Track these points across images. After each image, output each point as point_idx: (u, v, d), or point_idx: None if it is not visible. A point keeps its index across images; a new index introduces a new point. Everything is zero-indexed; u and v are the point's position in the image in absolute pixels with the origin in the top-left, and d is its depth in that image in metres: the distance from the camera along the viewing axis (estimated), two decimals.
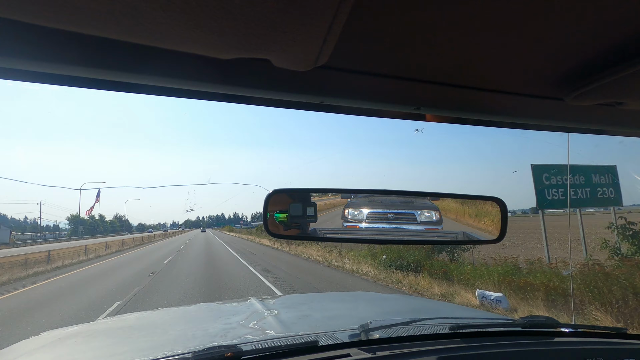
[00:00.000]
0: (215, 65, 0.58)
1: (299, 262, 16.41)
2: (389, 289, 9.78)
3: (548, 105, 0.81)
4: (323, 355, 1.17)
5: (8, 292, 10.62)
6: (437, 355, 1.13)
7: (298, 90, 0.67)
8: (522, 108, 0.84)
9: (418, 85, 0.69)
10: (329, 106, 0.74)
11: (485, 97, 0.76)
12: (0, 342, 5.63)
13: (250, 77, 0.62)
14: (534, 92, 0.76)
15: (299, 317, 1.92)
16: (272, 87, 0.65)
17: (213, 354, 1.06)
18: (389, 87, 0.70)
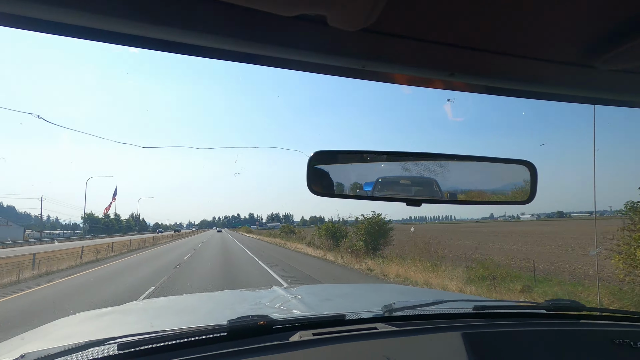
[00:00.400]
0: (271, 26, 0.61)
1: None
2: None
3: (577, 72, 0.81)
4: (350, 327, 1.23)
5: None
6: (461, 331, 1.16)
7: (342, 53, 0.69)
8: (552, 76, 0.84)
9: (453, 50, 0.71)
10: (369, 72, 0.76)
11: (516, 63, 0.77)
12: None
13: (300, 38, 0.65)
14: (564, 58, 0.77)
15: (322, 300, 2.10)
16: (317, 49, 0.67)
17: (247, 322, 1.16)
18: (425, 52, 0.71)
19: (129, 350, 1.01)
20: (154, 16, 0.57)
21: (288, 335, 1.17)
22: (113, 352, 1.02)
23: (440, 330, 1.20)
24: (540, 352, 1.15)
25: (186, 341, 1.08)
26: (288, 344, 1.11)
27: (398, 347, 1.09)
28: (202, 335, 1.11)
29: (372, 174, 1.04)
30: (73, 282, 12.38)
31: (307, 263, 17.40)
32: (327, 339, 1.13)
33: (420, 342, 1.14)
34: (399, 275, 12.31)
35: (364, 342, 1.13)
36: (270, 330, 1.18)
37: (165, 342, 1.06)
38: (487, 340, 1.15)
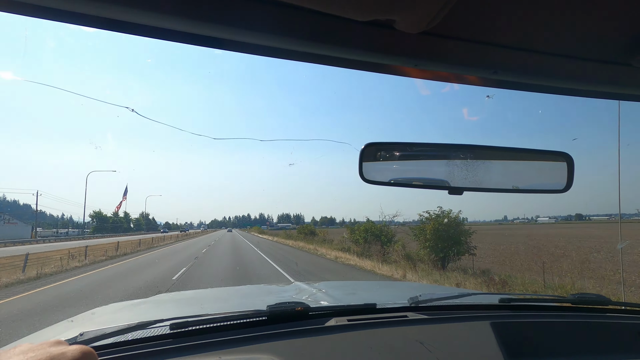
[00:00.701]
0: (342, 29, 0.66)
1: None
2: None
3: (612, 69, 0.84)
4: (381, 315, 1.29)
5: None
6: (490, 321, 1.20)
7: (399, 53, 0.72)
8: (588, 74, 0.87)
9: (498, 50, 0.75)
10: (420, 71, 0.81)
11: (555, 61, 0.80)
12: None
13: (365, 40, 0.69)
14: (601, 56, 0.80)
15: (347, 294, 2.19)
16: (377, 50, 0.71)
17: (286, 307, 1.23)
18: (473, 52, 0.75)
19: (180, 330, 1.09)
20: (235, 19, 0.61)
21: (324, 320, 1.24)
22: (165, 331, 1.11)
23: (469, 320, 1.26)
24: (566, 342, 1.19)
25: (231, 323, 1.17)
26: (325, 328, 1.19)
27: (429, 333, 1.15)
28: (245, 318, 1.20)
29: (417, 163, 1.13)
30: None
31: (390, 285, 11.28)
32: (360, 325, 1.21)
33: (450, 329, 1.20)
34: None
35: (396, 328, 1.20)
36: (306, 316, 1.26)
37: (212, 324, 1.14)
38: (515, 329, 1.21)
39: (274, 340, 1.08)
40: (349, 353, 1.04)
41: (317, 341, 1.09)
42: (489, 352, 1.08)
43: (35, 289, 10.66)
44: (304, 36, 0.65)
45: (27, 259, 14.16)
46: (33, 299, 9.11)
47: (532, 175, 1.16)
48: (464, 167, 1.05)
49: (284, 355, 1.01)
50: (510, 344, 1.11)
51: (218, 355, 1.00)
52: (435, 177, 1.08)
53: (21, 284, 11.81)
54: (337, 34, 0.66)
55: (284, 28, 0.64)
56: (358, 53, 0.72)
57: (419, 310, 1.34)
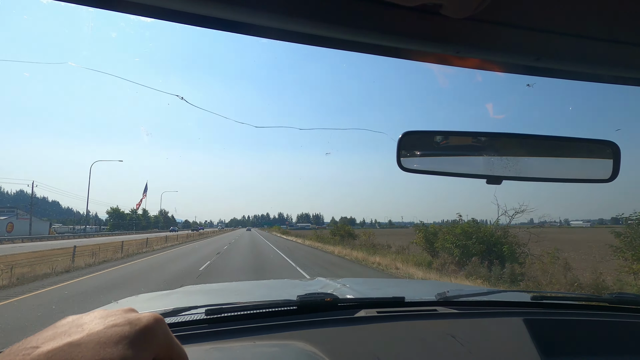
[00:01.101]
0: (386, 15, 0.64)
1: None
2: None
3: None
4: (410, 308, 1.29)
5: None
6: (522, 318, 1.18)
7: (441, 40, 0.70)
8: (636, 60, 0.83)
9: (541, 35, 0.72)
10: (460, 58, 0.77)
11: (602, 48, 0.76)
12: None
13: (409, 27, 0.67)
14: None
15: (371, 289, 2.15)
16: (420, 37, 0.69)
17: (315, 298, 1.26)
18: (516, 38, 0.72)
19: (215, 315, 1.14)
20: (277, 6, 0.60)
21: (353, 312, 1.25)
22: (201, 317, 1.14)
23: (501, 316, 1.25)
24: (603, 343, 1.17)
25: (263, 311, 1.20)
26: (354, 319, 1.20)
27: (460, 328, 1.14)
28: (276, 307, 1.22)
29: (455, 151, 1.10)
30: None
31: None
32: (390, 317, 1.21)
33: (482, 324, 1.18)
34: None
35: (426, 321, 1.20)
36: (335, 307, 1.28)
37: (245, 311, 1.18)
38: (549, 327, 1.18)
39: (304, 328, 1.11)
40: (379, 343, 1.04)
41: (347, 331, 1.11)
42: (523, 349, 1.06)
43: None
44: (346, 23, 0.64)
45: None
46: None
47: (575, 164, 1.10)
48: (503, 156, 1.03)
49: (316, 343, 1.02)
50: (545, 342, 1.10)
51: (253, 340, 1.04)
52: (474, 165, 1.05)
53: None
54: (380, 21, 0.64)
55: (327, 15, 0.62)
56: (398, 40, 0.69)
57: (448, 305, 1.34)
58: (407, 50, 0.73)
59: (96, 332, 0.34)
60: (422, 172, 1.07)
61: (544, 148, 1.09)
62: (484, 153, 1.05)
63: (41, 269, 12.57)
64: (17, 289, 9.57)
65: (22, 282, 10.59)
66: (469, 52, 0.74)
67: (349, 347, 1.02)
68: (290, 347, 1.01)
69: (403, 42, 0.70)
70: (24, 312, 6.90)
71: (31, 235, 46.13)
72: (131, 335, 0.34)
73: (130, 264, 16.01)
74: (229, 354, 0.96)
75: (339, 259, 19.41)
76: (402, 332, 1.10)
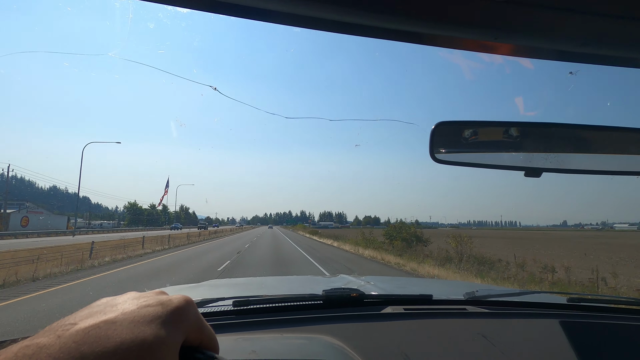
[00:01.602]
0: (422, 1, 0.61)
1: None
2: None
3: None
4: (438, 307, 1.28)
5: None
6: (559, 320, 1.15)
7: (477, 25, 0.66)
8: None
9: (591, 19, 0.66)
10: (497, 45, 0.72)
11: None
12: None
13: (441, 11, 0.63)
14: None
15: (397, 287, 2.09)
16: (454, 22, 0.65)
17: (341, 293, 1.27)
18: (559, 21, 0.66)
19: (242, 307, 1.15)
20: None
21: (379, 308, 1.24)
22: (228, 308, 1.16)
23: (535, 317, 1.21)
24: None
25: (289, 304, 1.21)
26: (381, 315, 1.18)
27: (491, 328, 1.11)
28: (302, 300, 1.23)
29: (491, 142, 1.04)
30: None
31: None
32: (417, 314, 1.19)
33: (514, 325, 1.15)
34: None
35: (455, 320, 1.17)
36: (361, 302, 1.27)
37: (272, 304, 1.19)
38: (588, 331, 1.13)
39: (330, 322, 1.11)
40: (407, 341, 1.03)
41: (373, 327, 1.09)
42: (559, 352, 1.02)
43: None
44: (378, 9, 0.61)
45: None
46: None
47: (622, 155, 1.01)
48: (543, 147, 0.99)
49: (342, 337, 1.02)
50: (582, 346, 1.04)
51: (280, 332, 1.05)
52: (511, 157, 1.00)
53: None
54: (414, 5, 0.60)
55: (358, 0, 0.59)
56: (434, 26, 0.65)
57: (477, 304, 1.31)
58: (443, 37, 0.69)
59: (130, 311, 0.35)
60: (456, 164, 1.04)
61: (588, 138, 1.02)
62: (522, 144, 0.99)
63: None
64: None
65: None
66: (508, 37, 0.68)
67: (375, 343, 1.00)
68: (317, 340, 1.01)
69: (438, 28, 0.66)
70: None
71: (48, 230, 42.45)
72: (163, 315, 0.35)
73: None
74: (257, 344, 0.97)
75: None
76: (431, 330, 1.09)
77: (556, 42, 0.70)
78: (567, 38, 0.68)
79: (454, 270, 13.49)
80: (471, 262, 15.43)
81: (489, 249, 19.60)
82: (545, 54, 0.75)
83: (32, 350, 0.29)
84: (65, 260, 13.21)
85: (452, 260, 16.32)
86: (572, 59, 0.76)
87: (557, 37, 0.69)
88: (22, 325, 5.71)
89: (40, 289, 8.90)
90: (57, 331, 0.32)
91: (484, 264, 15.13)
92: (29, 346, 0.30)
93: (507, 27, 0.65)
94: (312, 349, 0.97)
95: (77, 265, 12.93)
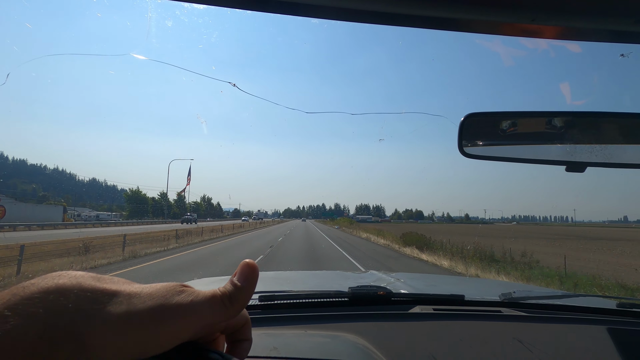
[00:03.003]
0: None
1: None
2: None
3: None
4: (471, 308, 1.22)
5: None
6: (607, 326, 1.08)
7: (514, 6, 0.61)
8: None
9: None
10: (535, 28, 0.66)
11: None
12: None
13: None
14: None
15: (427, 285, 1.99)
16: (491, 4, 0.61)
17: (368, 291, 1.24)
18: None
19: (268, 302, 1.15)
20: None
21: (407, 307, 1.21)
22: (255, 302, 1.15)
23: (579, 322, 1.15)
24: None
25: (314, 301, 1.20)
26: (409, 315, 1.15)
27: (529, 332, 1.05)
28: (328, 297, 1.22)
29: (527, 135, 0.97)
30: None
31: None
32: (447, 315, 1.15)
33: (555, 330, 1.09)
34: None
35: (488, 322, 1.12)
36: (389, 301, 1.23)
37: (297, 300, 1.19)
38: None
39: (356, 321, 1.09)
40: (436, 342, 0.98)
41: (401, 326, 1.06)
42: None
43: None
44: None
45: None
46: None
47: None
48: (587, 139, 0.90)
49: (368, 336, 0.99)
50: (633, 356, 0.97)
51: (304, 329, 1.04)
52: (550, 150, 0.93)
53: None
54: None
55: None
56: (466, 10, 0.61)
57: (514, 307, 1.25)
58: (476, 22, 0.64)
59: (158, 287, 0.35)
60: (487, 159, 0.97)
61: (636, 128, 0.92)
62: (561, 136, 0.91)
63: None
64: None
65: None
66: (547, 19, 0.62)
67: (402, 344, 0.97)
68: (341, 338, 0.99)
69: (471, 12, 0.61)
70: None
71: (33, 223, 33.71)
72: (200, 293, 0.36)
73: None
74: (281, 340, 0.96)
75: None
76: (462, 332, 1.04)
77: (604, 21, 0.62)
78: (617, 16, 0.61)
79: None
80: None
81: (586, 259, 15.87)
82: (590, 36, 0.67)
83: (68, 280, 0.31)
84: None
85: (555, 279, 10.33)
86: (622, 40, 0.68)
87: (605, 16, 0.61)
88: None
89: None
90: (96, 276, 0.33)
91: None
92: (66, 276, 0.31)
93: (548, 7, 0.60)
94: (334, 348, 0.95)
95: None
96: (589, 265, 13.49)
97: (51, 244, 14.26)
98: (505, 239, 26.57)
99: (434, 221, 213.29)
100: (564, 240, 36.55)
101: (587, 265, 13.54)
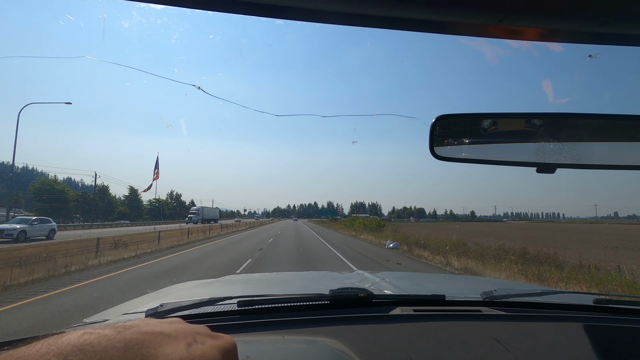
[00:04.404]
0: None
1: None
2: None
3: None
4: (451, 308, 1.23)
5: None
6: (583, 323, 1.08)
7: (481, 7, 0.60)
8: None
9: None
10: (503, 29, 0.65)
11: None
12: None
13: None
14: None
15: (412, 284, 2.01)
16: (456, 4, 0.60)
17: (349, 293, 1.22)
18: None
19: (247, 307, 1.14)
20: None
21: (388, 309, 1.20)
22: (233, 307, 1.15)
23: (556, 320, 1.15)
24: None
25: (294, 305, 1.18)
26: (389, 317, 1.14)
27: (507, 331, 1.05)
28: (308, 301, 1.20)
29: (498, 136, 0.96)
30: None
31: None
32: (428, 316, 1.15)
33: (532, 329, 1.09)
34: None
35: (468, 322, 1.11)
36: (369, 303, 1.22)
37: (277, 304, 1.17)
38: (616, 335, 1.07)
39: (336, 324, 1.07)
40: (415, 344, 0.98)
41: (380, 329, 1.05)
42: (580, 358, 0.95)
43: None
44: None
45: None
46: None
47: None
48: (557, 140, 0.89)
49: (347, 340, 0.98)
50: (609, 352, 0.98)
51: (282, 334, 1.02)
52: (521, 152, 0.92)
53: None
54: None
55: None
56: (430, 11, 0.60)
57: (494, 306, 1.26)
58: (441, 23, 0.63)
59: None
60: (459, 161, 0.96)
61: (608, 129, 0.93)
62: (532, 137, 0.92)
63: None
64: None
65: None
66: (515, 20, 0.61)
67: (380, 347, 0.96)
68: (318, 343, 0.98)
69: (435, 14, 0.60)
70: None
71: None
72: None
73: None
74: (255, 347, 0.94)
75: None
76: (441, 332, 1.04)
77: (572, 22, 0.62)
78: (586, 17, 0.60)
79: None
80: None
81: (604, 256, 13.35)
82: (558, 36, 0.66)
83: (94, 337, 0.31)
84: None
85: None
86: (589, 40, 0.68)
87: (573, 17, 0.61)
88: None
89: None
90: (117, 328, 0.33)
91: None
92: (91, 333, 0.31)
93: (515, 8, 0.59)
94: (311, 353, 0.94)
95: None
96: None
97: None
98: (550, 242, 22.67)
99: (436, 220, 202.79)
100: (603, 238, 31.46)
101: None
